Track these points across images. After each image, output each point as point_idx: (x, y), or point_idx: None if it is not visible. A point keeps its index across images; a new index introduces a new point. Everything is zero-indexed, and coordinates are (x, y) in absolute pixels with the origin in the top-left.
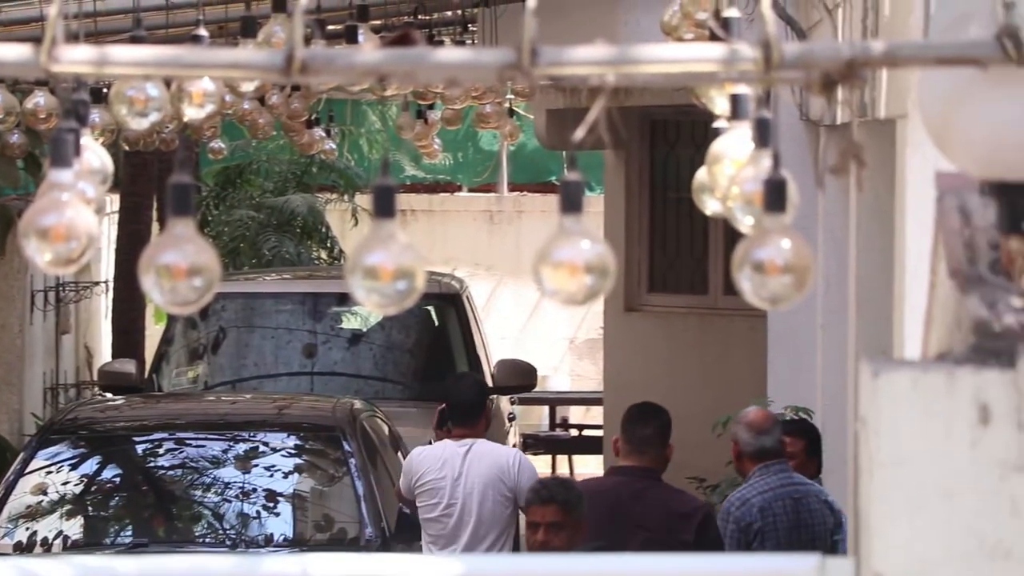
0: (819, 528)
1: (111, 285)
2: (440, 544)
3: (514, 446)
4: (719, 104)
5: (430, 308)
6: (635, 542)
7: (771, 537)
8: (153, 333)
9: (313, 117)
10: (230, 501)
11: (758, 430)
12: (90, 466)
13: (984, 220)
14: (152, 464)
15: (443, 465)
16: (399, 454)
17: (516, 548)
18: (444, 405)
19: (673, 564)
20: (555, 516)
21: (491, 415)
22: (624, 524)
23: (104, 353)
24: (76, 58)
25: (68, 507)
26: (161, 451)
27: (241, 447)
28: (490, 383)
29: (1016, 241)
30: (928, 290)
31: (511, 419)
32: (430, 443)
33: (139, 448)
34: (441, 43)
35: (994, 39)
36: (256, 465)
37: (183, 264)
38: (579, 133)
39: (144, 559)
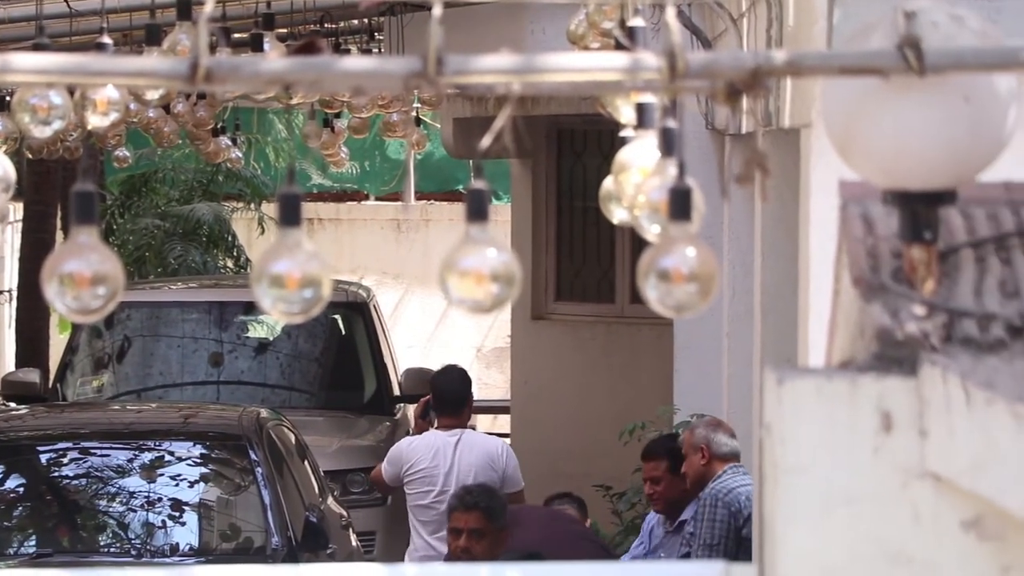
0: None
1: (15, 294)
2: (430, 529)
3: None
4: (625, 113)
5: (337, 317)
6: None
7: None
8: (58, 342)
9: (219, 126)
10: (135, 511)
11: (731, 433)
12: None
13: (887, 229)
14: (57, 474)
15: (435, 454)
16: (306, 463)
17: None
18: (428, 397)
19: (588, 572)
20: (477, 523)
21: (472, 405)
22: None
23: (8, 362)
24: None
25: None
26: (66, 460)
27: (147, 456)
28: (397, 392)
29: (918, 250)
30: (832, 298)
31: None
32: (407, 434)
33: (43, 457)
34: (347, 52)
35: (895, 49)
36: (162, 474)
37: (87, 273)
38: (485, 141)
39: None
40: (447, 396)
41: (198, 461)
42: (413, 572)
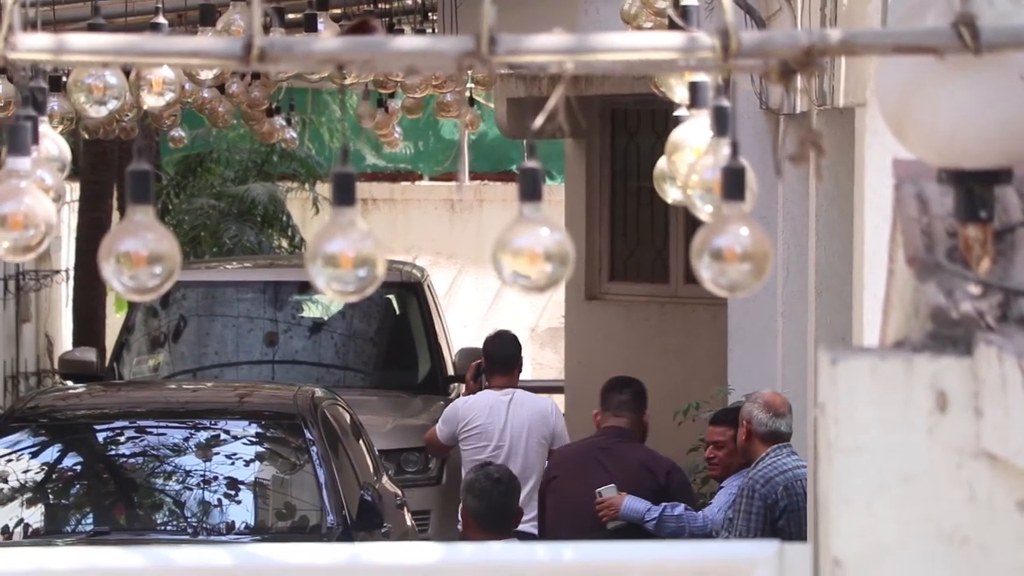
0: None
1: (72, 273)
2: None
3: None
4: (678, 93)
5: (391, 297)
6: (591, 490)
7: (795, 516)
8: (114, 322)
9: (273, 106)
10: (191, 489)
11: (775, 412)
12: (51, 454)
13: (942, 208)
14: (113, 452)
15: (490, 411)
16: (360, 442)
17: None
18: (479, 361)
19: (637, 551)
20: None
21: (522, 367)
22: (590, 475)
23: (65, 341)
24: (34, 46)
25: (29, 495)
26: (122, 439)
27: (202, 435)
28: (451, 372)
29: (973, 229)
30: (886, 278)
31: None
32: (458, 396)
33: (100, 436)
34: (401, 32)
35: (951, 27)
36: (217, 453)
37: (143, 252)
38: (538, 121)
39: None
40: (499, 357)
41: (253, 440)
42: (468, 551)
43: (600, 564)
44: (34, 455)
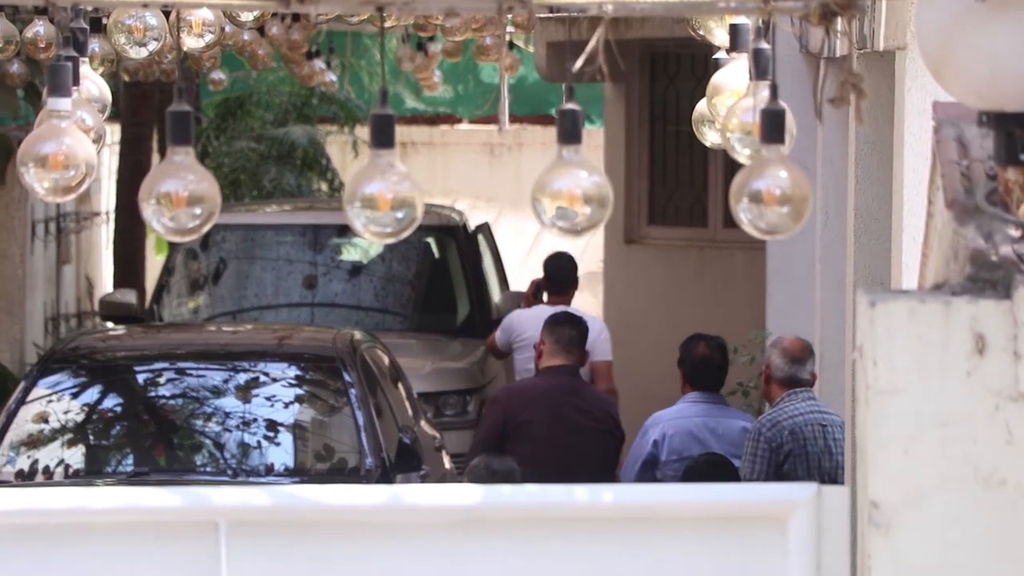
0: (841, 458)
1: (112, 216)
2: None
3: None
4: (718, 35)
5: (430, 240)
6: (581, 431)
7: (801, 460)
8: (154, 264)
9: (313, 49)
10: (230, 431)
11: (792, 358)
12: (91, 395)
13: (982, 151)
14: (153, 394)
15: (541, 324)
16: (399, 385)
17: None
18: (540, 278)
19: (675, 493)
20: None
21: (577, 287)
22: (568, 416)
23: (105, 283)
24: None
25: (69, 436)
26: (162, 381)
27: (241, 377)
28: (494, 316)
29: (1014, 172)
30: (926, 221)
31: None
32: (519, 307)
33: (140, 378)
34: None
35: None
36: (256, 395)
37: (183, 192)
38: (578, 63)
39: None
40: (556, 277)
41: (292, 382)
42: (508, 492)
43: (639, 505)
44: (74, 396)
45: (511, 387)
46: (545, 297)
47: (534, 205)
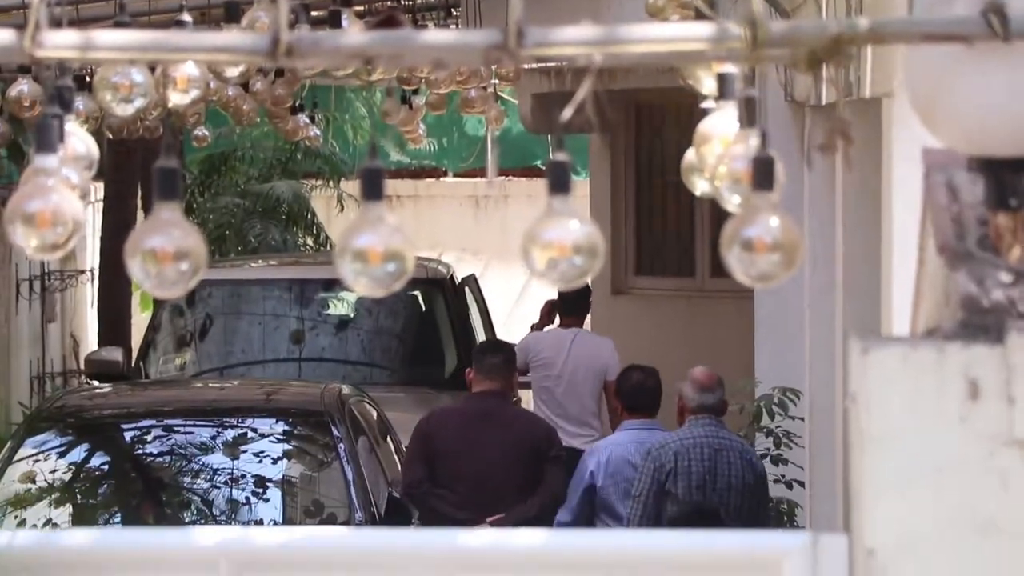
0: (735, 480)
1: (96, 273)
2: (550, 408)
3: None
4: (706, 84)
5: (417, 293)
6: (502, 452)
7: (683, 479)
8: (139, 321)
9: (297, 103)
10: (219, 487)
11: (701, 387)
12: (78, 453)
13: (972, 196)
14: (140, 451)
15: (556, 344)
16: (388, 439)
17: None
18: (554, 300)
19: (668, 541)
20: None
21: (589, 310)
22: (488, 439)
23: (90, 341)
24: (60, 43)
25: (57, 494)
26: (149, 438)
27: (229, 433)
28: None
29: (1004, 217)
30: (916, 267)
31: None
32: (532, 329)
33: (127, 435)
34: (425, 28)
35: (980, 15)
36: (245, 451)
37: (170, 248)
38: (567, 113)
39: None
40: (571, 301)
41: (281, 438)
42: (505, 537)
43: (632, 552)
44: (61, 455)
45: (432, 414)
46: (558, 319)
47: (524, 255)
